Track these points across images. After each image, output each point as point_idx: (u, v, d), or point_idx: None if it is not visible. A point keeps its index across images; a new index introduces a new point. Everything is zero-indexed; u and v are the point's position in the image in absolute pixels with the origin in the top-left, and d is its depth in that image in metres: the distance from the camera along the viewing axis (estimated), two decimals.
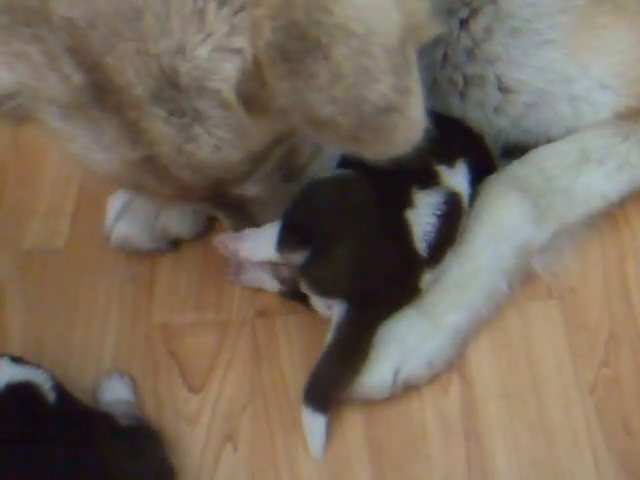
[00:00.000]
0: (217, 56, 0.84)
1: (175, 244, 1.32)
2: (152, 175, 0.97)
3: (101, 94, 0.88)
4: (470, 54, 1.19)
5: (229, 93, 0.86)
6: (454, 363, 1.14)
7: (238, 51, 0.84)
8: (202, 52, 0.84)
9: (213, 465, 1.10)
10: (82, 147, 0.95)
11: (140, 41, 0.84)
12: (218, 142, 0.91)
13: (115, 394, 1.16)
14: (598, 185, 1.19)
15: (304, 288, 1.10)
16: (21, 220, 1.40)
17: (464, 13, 1.17)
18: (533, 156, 1.21)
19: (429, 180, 1.12)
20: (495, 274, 1.14)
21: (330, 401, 1.07)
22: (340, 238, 1.06)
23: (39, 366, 1.08)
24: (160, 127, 0.89)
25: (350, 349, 1.07)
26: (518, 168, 1.20)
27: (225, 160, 0.93)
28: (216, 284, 1.26)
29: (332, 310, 1.08)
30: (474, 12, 1.17)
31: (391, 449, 1.09)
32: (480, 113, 1.22)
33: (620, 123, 1.21)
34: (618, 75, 1.19)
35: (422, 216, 1.10)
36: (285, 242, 1.06)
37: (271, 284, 1.18)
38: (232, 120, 0.89)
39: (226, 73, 0.85)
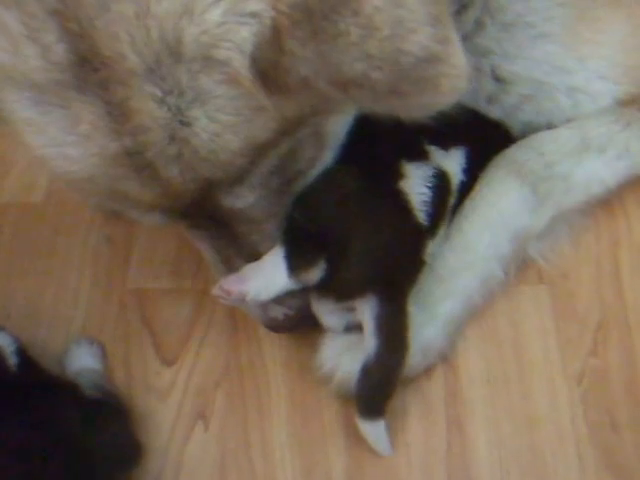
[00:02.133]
0: (231, 20, 0.72)
1: None
2: (133, 174, 0.82)
3: (83, 69, 0.75)
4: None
5: (241, 64, 0.74)
6: None
7: (254, 15, 0.72)
8: (213, 15, 0.72)
9: (182, 443, 1.03)
10: (53, 140, 0.81)
11: (140, 1, 0.71)
12: (218, 127, 0.78)
13: (83, 362, 1.08)
14: (597, 172, 1.12)
15: (318, 304, 0.97)
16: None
17: (454, 7, 1.06)
18: (533, 140, 1.13)
19: (417, 155, 1.03)
20: (491, 261, 1.06)
21: (386, 402, 0.96)
22: (350, 235, 0.93)
23: (2, 328, 1.00)
24: (151, 109, 0.76)
25: (398, 340, 0.95)
26: (517, 152, 1.12)
27: (223, 150, 0.80)
28: (194, 251, 1.15)
29: (357, 310, 0.96)
30: (464, 7, 1.07)
31: None
32: (473, 103, 1.12)
33: (621, 110, 1.13)
34: (616, 65, 1.11)
35: (415, 186, 1.00)
36: (298, 263, 0.91)
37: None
38: (238, 101, 0.77)
39: (240, 40, 0.73)
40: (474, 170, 1.09)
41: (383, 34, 0.72)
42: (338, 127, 0.93)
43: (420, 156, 1.03)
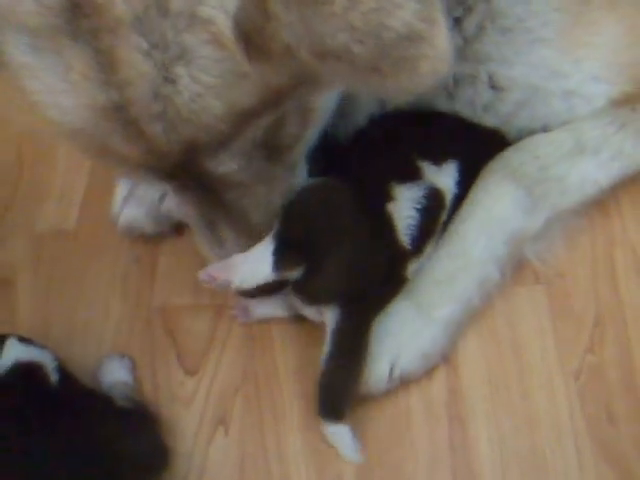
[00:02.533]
0: None
1: (177, 228, 1.28)
2: (120, 129, 0.83)
3: (75, 14, 0.76)
4: (460, 53, 1.11)
5: (225, 25, 0.75)
6: None
7: None
8: None
9: (205, 448, 1.09)
10: (47, 87, 0.82)
11: None
12: (201, 88, 0.79)
13: (115, 376, 1.16)
14: (591, 173, 1.14)
15: (293, 299, 1.05)
16: (35, 204, 1.39)
17: (458, 12, 1.09)
18: (528, 144, 1.15)
19: (409, 174, 1.07)
20: (488, 264, 1.10)
21: (346, 407, 1.02)
22: (330, 250, 0.99)
23: (45, 347, 1.08)
24: (137, 61, 0.77)
25: (351, 352, 1.02)
26: (512, 155, 1.15)
27: (205, 112, 0.80)
28: None
29: (323, 315, 1.03)
30: (468, 11, 1.09)
31: (376, 434, 1.07)
32: (469, 111, 1.16)
33: (616, 111, 1.14)
34: (610, 64, 1.13)
35: (403, 210, 1.05)
36: (283, 261, 0.98)
37: (284, 311, 1.12)
38: (222, 64, 0.78)
39: None
40: (469, 182, 1.12)
41: (368, 6, 0.71)
42: (324, 104, 0.94)
43: (412, 175, 1.07)
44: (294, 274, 0.99)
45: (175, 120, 0.81)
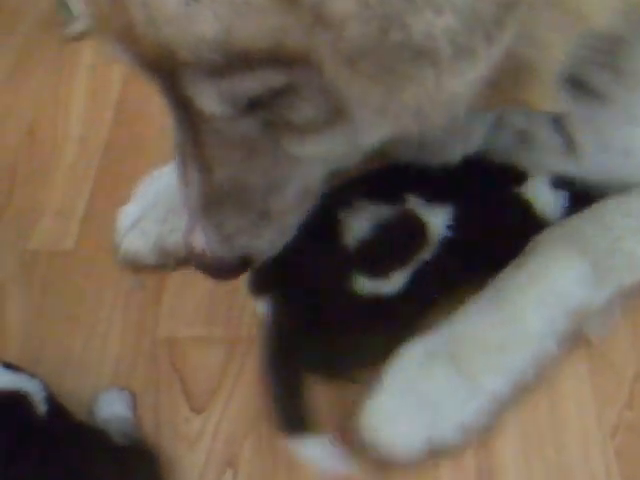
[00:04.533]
0: None
1: (184, 262, 1.29)
2: None
3: None
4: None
5: None
6: None
7: None
8: None
9: None
10: None
11: None
12: None
13: (112, 410, 1.16)
14: None
15: None
16: (30, 220, 1.41)
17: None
18: (601, 213, 1.14)
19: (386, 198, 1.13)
20: (546, 338, 1.09)
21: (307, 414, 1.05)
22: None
23: (33, 375, 1.07)
24: None
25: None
26: (584, 227, 1.14)
27: (193, 23, 0.72)
28: (227, 298, 1.26)
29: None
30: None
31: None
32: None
33: None
34: None
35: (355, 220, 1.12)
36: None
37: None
38: None
39: None
40: (466, 226, 1.13)
41: None
42: (367, 116, 0.83)
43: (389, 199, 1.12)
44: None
45: (157, 14, 0.73)
